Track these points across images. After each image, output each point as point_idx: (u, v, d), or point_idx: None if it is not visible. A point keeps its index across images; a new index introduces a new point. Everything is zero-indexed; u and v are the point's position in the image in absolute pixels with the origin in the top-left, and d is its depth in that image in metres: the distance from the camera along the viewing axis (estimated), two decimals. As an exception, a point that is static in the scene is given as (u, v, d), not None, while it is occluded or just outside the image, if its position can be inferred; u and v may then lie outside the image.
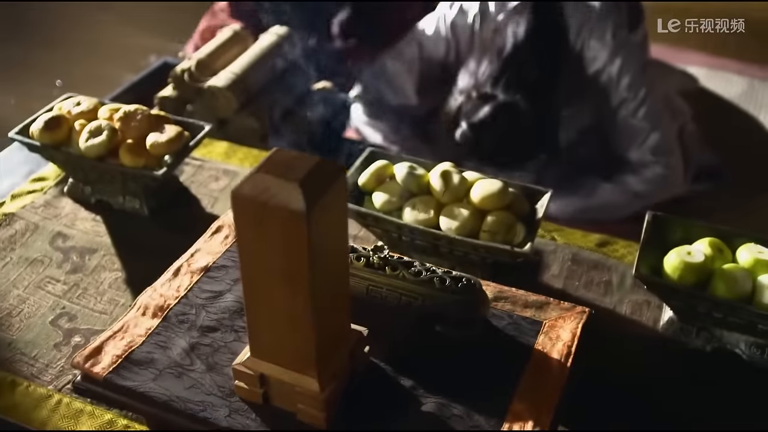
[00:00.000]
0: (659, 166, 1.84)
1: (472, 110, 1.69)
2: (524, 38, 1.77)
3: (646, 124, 1.83)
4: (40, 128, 1.31)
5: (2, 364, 1.09)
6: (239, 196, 0.73)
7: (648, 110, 1.83)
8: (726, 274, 1.07)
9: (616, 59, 1.81)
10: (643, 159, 1.85)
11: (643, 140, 1.84)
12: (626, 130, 1.85)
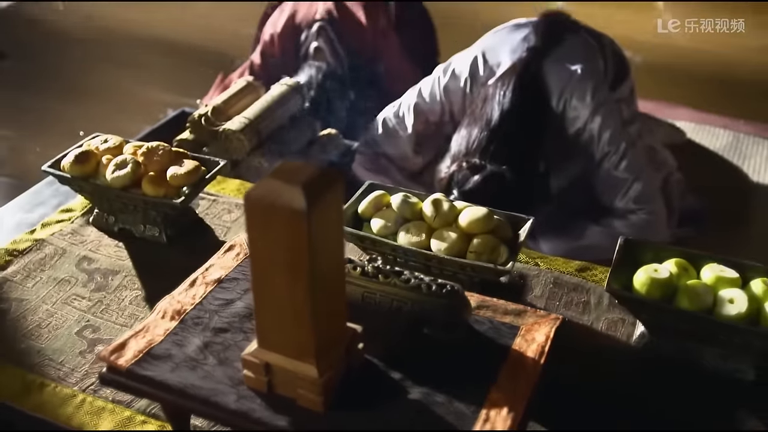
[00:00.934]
0: (643, 212, 1.96)
1: (463, 179, 1.81)
2: (510, 107, 1.89)
3: (628, 175, 1.95)
4: (70, 162, 1.45)
5: (32, 368, 1.20)
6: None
7: (629, 162, 1.95)
8: (689, 289, 1.18)
9: (596, 117, 1.94)
10: (627, 207, 1.96)
11: (626, 190, 1.96)
12: (610, 182, 1.98)
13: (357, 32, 2.55)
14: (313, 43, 2.53)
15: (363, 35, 2.55)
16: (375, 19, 2.59)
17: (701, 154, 2.59)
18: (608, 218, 2.02)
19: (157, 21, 3.74)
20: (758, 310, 1.17)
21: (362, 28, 2.55)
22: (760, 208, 2.32)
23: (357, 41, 2.54)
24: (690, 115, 2.80)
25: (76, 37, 3.57)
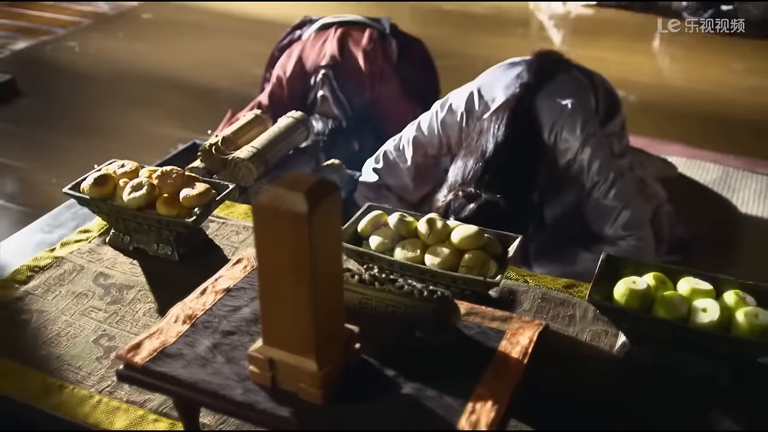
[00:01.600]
0: (632, 239, 2.04)
1: (459, 207, 1.90)
2: (504, 139, 1.99)
3: (617, 203, 2.04)
4: (90, 184, 1.55)
5: (52, 372, 1.29)
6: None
7: (618, 191, 2.04)
8: (666, 299, 1.27)
9: (586, 148, 2.04)
10: (616, 234, 2.05)
11: (615, 218, 2.04)
12: (599, 210, 2.06)
13: (357, 79, 2.67)
14: (319, 91, 2.66)
15: (363, 82, 2.68)
16: (374, 63, 2.72)
17: (692, 187, 2.68)
18: (598, 245, 2.11)
19: (167, 60, 3.88)
20: (730, 319, 1.25)
21: (362, 74, 2.68)
22: (747, 237, 2.40)
23: (357, 88, 2.67)
24: (682, 150, 2.90)
25: (90, 75, 3.71)
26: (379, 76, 2.71)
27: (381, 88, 2.71)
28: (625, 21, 4.61)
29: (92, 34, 4.30)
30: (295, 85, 2.72)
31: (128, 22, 4.56)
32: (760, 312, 1.25)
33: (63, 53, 4.00)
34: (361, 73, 2.67)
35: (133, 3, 5.00)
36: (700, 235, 2.35)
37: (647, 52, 4.26)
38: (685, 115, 3.31)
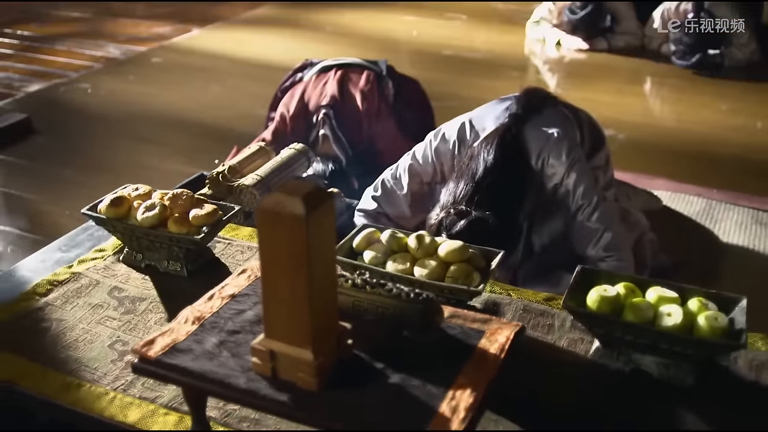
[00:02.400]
0: (612, 259, 2.15)
1: (450, 224, 2.03)
2: (493, 162, 2.12)
3: (599, 225, 2.16)
4: (106, 205, 1.68)
5: (70, 372, 1.40)
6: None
7: (600, 214, 2.16)
8: (634, 305, 1.39)
9: (572, 173, 2.16)
10: (597, 255, 2.16)
11: (597, 239, 2.16)
12: (583, 232, 2.18)
13: (356, 118, 2.83)
14: (320, 130, 2.81)
15: (361, 121, 2.83)
16: (372, 103, 2.87)
17: (676, 218, 2.80)
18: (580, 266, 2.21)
19: (175, 101, 4.05)
20: (692, 323, 1.37)
21: (360, 113, 2.83)
22: (728, 264, 2.51)
23: (356, 126, 2.82)
24: (668, 185, 3.03)
25: (102, 115, 3.87)
26: (376, 115, 2.86)
27: (378, 126, 2.85)
28: (617, 65, 4.78)
29: (104, 77, 4.48)
30: (297, 122, 2.87)
31: (138, 66, 4.75)
32: (719, 316, 1.36)
33: (76, 94, 4.17)
34: (359, 113, 2.82)
35: (143, 48, 5.19)
36: (682, 262, 2.46)
37: (638, 94, 4.42)
38: (672, 152, 3.45)
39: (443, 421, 1.09)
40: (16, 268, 1.75)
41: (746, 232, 2.71)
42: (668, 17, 4.75)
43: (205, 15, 6.15)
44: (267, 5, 6.40)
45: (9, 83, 4.50)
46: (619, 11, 4.97)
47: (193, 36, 5.46)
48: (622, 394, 1.38)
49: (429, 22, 5.85)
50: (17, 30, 5.71)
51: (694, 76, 4.49)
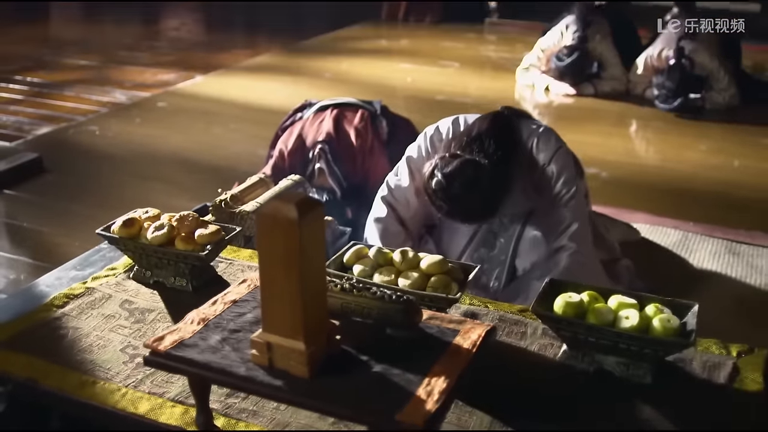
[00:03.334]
0: (577, 253, 2.27)
1: (444, 164, 2.17)
2: (487, 128, 2.28)
3: (571, 215, 2.30)
4: (119, 226, 1.84)
5: (86, 372, 1.55)
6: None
7: (575, 205, 2.31)
8: (596, 309, 1.54)
9: (558, 158, 2.31)
10: (561, 243, 2.29)
11: (566, 228, 2.29)
12: (557, 216, 2.32)
13: (350, 153, 3.00)
14: (316, 164, 2.99)
15: (355, 156, 3.01)
16: (365, 140, 3.05)
17: (653, 248, 2.96)
18: (547, 265, 2.33)
19: (179, 142, 4.23)
20: (648, 325, 1.51)
21: (354, 149, 3.01)
22: (700, 288, 2.66)
23: (349, 162, 3.00)
24: (646, 218, 3.19)
25: (109, 155, 4.05)
26: (369, 151, 3.04)
27: (371, 161, 3.03)
28: (603, 109, 4.99)
29: (111, 120, 4.68)
30: (295, 158, 3.04)
31: (144, 110, 4.95)
32: (672, 318, 1.51)
33: (84, 136, 4.36)
34: (353, 148, 3.00)
35: (148, 93, 5.41)
36: (657, 288, 2.61)
37: (623, 135, 4.61)
38: (652, 188, 3.62)
39: (419, 402, 1.24)
40: (34, 285, 1.91)
41: (719, 261, 2.87)
42: (651, 63, 4.97)
43: (207, 63, 6.39)
44: (267, 54, 6.64)
45: (20, 126, 4.69)
46: (604, 58, 5.19)
47: (196, 82, 5.68)
48: (586, 392, 1.52)
49: (423, 69, 6.08)
50: (27, 77, 5.94)
51: (676, 119, 4.68)
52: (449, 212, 2.23)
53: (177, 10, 9.40)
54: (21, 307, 1.78)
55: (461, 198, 2.15)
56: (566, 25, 5.23)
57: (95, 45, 7.31)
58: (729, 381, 1.54)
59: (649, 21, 5.62)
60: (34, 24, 8.31)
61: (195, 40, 7.83)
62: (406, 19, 7.64)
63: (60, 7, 9.45)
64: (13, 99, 5.35)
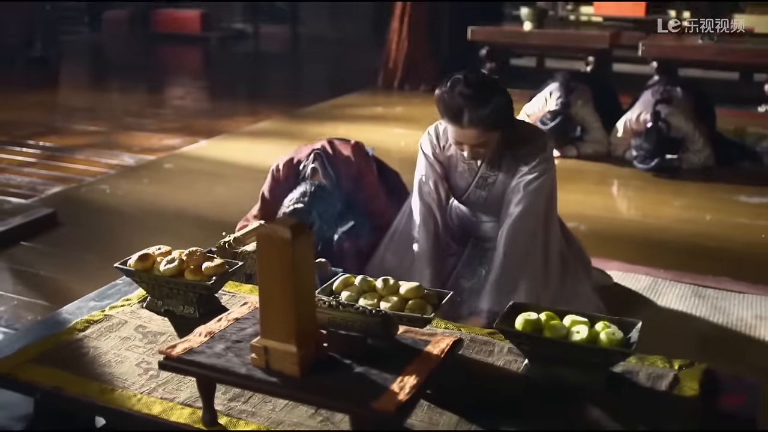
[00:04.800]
0: (519, 220, 2.56)
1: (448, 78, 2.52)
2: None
3: (527, 195, 2.56)
4: (135, 260, 2.08)
5: (105, 382, 1.77)
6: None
7: (537, 186, 2.56)
8: (551, 325, 1.77)
9: (546, 146, 2.62)
10: (510, 211, 2.58)
11: (517, 202, 2.57)
12: (513, 193, 2.61)
13: (345, 163, 3.17)
14: (310, 165, 3.09)
15: (350, 165, 3.17)
16: (358, 156, 3.21)
17: (624, 292, 3.18)
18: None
19: (186, 200, 4.49)
20: (596, 338, 1.74)
21: (350, 161, 3.19)
22: (666, 327, 2.87)
23: (345, 168, 3.15)
24: (620, 266, 3.42)
25: (119, 211, 4.30)
26: (363, 166, 3.17)
27: (364, 172, 3.17)
28: (585, 170, 5.26)
29: (120, 180, 4.95)
30: (290, 171, 3.12)
31: (151, 171, 5.23)
32: (617, 332, 1.74)
33: (95, 194, 4.62)
34: (348, 159, 3.13)
35: (155, 156, 5.70)
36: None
37: (603, 193, 4.88)
38: (627, 240, 3.86)
39: (393, 394, 1.46)
40: (57, 313, 2.14)
41: (686, 303, 3.09)
42: (630, 127, 5.26)
43: (211, 129, 6.70)
44: (268, 120, 6.96)
45: (33, 186, 4.96)
46: (586, 122, 5.49)
47: (201, 146, 5.98)
48: (543, 398, 1.74)
49: (417, 134, 6.32)
50: (39, 141, 6.23)
51: (654, 178, 4.95)
52: (464, 104, 2.44)
53: (181, 79, 9.81)
54: (46, 330, 2.01)
55: (466, 93, 2.41)
56: (550, 92, 5.54)
57: (103, 112, 7.64)
58: (670, 389, 1.76)
59: (630, 88, 5.96)
60: (44, 91, 8.66)
61: (199, 107, 8.17)
62: (401, 87, 7.99)
63: (68, 75, 9.86)
64: (26, 161, 5.63)
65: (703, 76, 7.97)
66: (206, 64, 11.36)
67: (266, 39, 12.61)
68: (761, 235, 3.94)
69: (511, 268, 2.55)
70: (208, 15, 11.81)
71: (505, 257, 2.55)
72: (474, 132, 2.46)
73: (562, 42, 7.48)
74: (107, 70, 10.97)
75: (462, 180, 2.74)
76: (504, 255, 2.56)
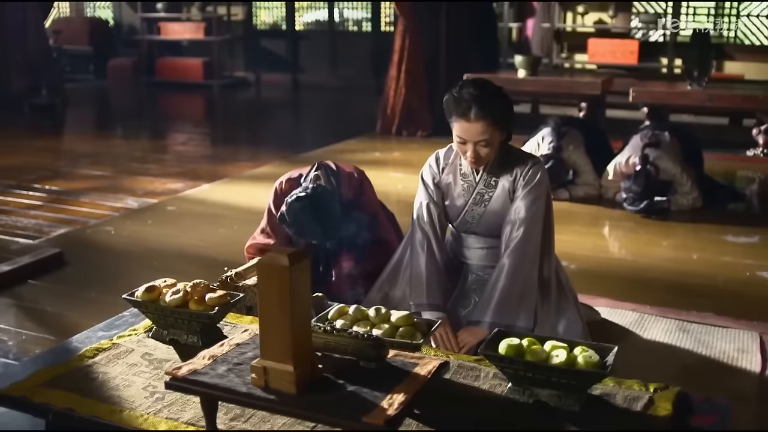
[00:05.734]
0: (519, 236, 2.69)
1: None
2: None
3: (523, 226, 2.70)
4: (142, 291, 2.21)
5: (114, 403, 1.88)
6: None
7: (534, 210, 2.71)
8: (532, 350, 1.89)
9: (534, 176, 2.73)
10: (510, 236, 2.70)
11: (515, 228, 2.70)
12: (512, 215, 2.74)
13: (347, 176, 3.29)
14: (313, 172, 3.21)
15: (351, 179, 3.29)
16: (361, 174, 3.35)
17: (611, 326, 3.29)
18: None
19: (189, 240, 4.63)
20: (574, 362, 1.86)
21: (351, 175, 3.31)
22: (650, 359, 2.99)
23: (346, 180, 3.27)
24: (607, 303, 3.54)
25: (124, 251, 4.44)
26: (365, 183, 3.28)
27: (364, 190, 3.28)
28: (577, 212, 5.39)
29: (125, 222, 5.09)
30: (291, 185, 3.20)
31: (155, 213, 5.37)
32: (593, 355, 1.86)
33: (100, 235, 4.76)
34: (350, 174, 3.24)
35: (158, 200, 5.85)
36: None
37: (593, 234, 5.01)
38: (615, 277, 3.98)
39: (382, 410, 1.58)
40: (67, 342, 2.26)
41: (671, 336, 3.20)
42: (620, 170, 5.42)
43: (213, 173, 6.86)
44: (268, 165, 7.13)
45: (40, 228, 5.10)
46: (578, 166, 5.65)
47: (203, 189, 6.13)
48: (525, 418, 1.85)
49: (414, 178, 6.46)
50: (45, 185, 6.39)
51: (644, 220, 5.09)
52: (471, 100, 2.60)
53: (184, 125, 10.01)
54: (58, 357, 2.14)
55: (474, 92, 2.59)
56: (542, 137, 5.71)
57: (107, 157, 7.81)
58: (644, 409, 1.88)
59: (622, 133, 6.13)
60: (50, 137, 8.86)
61: (201, 153, 8.35)
62: (399, 133, 8.17)
63: (73, 121, 10.07)
64: (33, 204, 5.77)
65: (695, 121, 8.18)
66: (208, 111, 11.58)
67: (268, 87, 12.87)
68: (745, 273, 4.06)
69: (517, 287, 2.68)
70: (211, 63, 12.07)
71: (511, 275, 2.66)
72: (480, 126, 2.60)
73: (555, 89, 7.69)
74: (112, 116, 11.18)
75: (460, 198, 2.86)
76: (509, 273, 2.66)
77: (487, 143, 2.64)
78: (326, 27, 12.70)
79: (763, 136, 6.68)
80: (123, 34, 13.49)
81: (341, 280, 2.99)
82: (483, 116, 2.60)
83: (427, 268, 2.72)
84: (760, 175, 6.32)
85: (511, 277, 2.64)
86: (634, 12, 10.44)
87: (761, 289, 3.82)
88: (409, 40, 7.86)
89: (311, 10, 12.97)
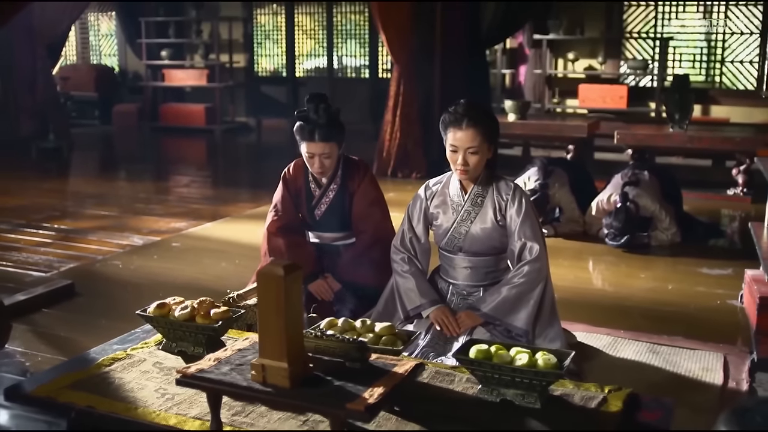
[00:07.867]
0: (534, 260, 2.99)
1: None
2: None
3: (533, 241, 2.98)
4: (154, 308, 2.47)
5: (129, 402, 2.13)
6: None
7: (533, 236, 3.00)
8: (498, 354, 2.14)
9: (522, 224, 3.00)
10: (523, 258, 2.99)
11: (526, 251, 2.99)
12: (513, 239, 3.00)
13: (361, 166, 3.67)
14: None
15: (366, 169, 3.66)
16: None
17: (585, 348, 3.53)
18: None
19: (193, 274, 4.89)
20: (535, 365, 2.11)
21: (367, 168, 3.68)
22: (618, 375, 3.22)
23: (358, 172, 3.65)
24: (584, 328, 3.79)
25: (131, 283, 4.69)
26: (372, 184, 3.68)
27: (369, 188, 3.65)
28: (561, 247, 5.66)
29: (132, 257, 5.35)
30: (299, 171, 3.68)
31: (160, 249, 5.64)
32: (552, 358, 2.12)
33: (109, 269, 5.02)
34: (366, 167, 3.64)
35: (161, 238, 6.12)
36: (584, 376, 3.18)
37: (575, 267, 5.26)
38: (592, 305, 4.23)
39: (363, 399, 1.84)
40: (86, 353, 2.51)
41: (641, 357, 3.44)
42: (602, 207, 5.70)
43: (215, 213, 7.14)
44: (268, 204, 7.35)
45: (50, 264, 5.36)
46: (563, 203, 5.93)
47: (205, 227, 6.41)
48: (491, 413, 2.09)
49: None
50: (54, 224, 6.66)
51: (625, 254, 5.35)
52: (465, 113, 2.92)
53: (186, 168, 10.32)
54: (78, 365, 2.39)
55: (467, 106, 2.91)
56: (529, 176, 6.01)
57: (113, 198, 8.11)
58: (598, 407, 2.12)
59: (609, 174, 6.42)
60: (58, 179, 9.18)
61: (203, 194, 8.64)
62: (394, 175, 8.47)
63: (80, 164, 10.39)
64: (42, 242, 6.04)
65: (682, 163, 8.50)
66: (210, 154, 11.91)
67: (268, 131, 13.22)
68: (716, 301, 4.31)
69: (520, 292, 2.96)
70: (213, 109, 12.44)
71: (529, 283, 2.97)
72: (471, 133, 2.89)
73: (543, 131, 8.00)
74: (117, 160, 11.51)
75: (448, 219, 3.12)
76: (514, 278, 2.95)
77: (476, 151, 2.90)
78: (325, 73, 13.10)
79: (742, 176, 6.97)
80: (128, 80, 13.88)
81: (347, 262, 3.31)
82: (474, 125, 2.89)
83: (414, 275, 2.99)
84: (740, 212, 6.60)
85: (526, 278, 2.93)
86: (623, 58, 10.82)
87: (730, 316, 4.08)
88: (404, 86, 8.20)
89: (311, 58, 13.39)
